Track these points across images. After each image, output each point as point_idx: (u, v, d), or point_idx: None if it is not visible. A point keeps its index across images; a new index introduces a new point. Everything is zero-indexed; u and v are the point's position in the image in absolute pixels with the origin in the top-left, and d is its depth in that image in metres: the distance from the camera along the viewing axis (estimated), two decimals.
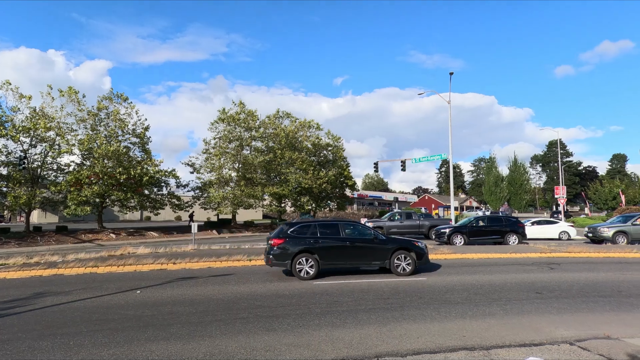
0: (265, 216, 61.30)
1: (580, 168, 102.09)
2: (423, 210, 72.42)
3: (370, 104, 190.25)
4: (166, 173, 31.76)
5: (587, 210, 58.26)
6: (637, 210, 36.88)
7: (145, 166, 29.87)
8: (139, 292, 9.24)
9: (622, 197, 50.99)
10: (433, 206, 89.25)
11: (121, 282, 10.41)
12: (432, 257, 15.14)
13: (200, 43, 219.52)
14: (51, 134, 26.84)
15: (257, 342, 5.56)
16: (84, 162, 29.67)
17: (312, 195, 42.69)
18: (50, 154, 27.21)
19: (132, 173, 27.93)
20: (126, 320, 6.79)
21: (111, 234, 29.22)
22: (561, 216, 41.84)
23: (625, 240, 20.65)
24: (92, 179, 27.59)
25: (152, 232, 31.82)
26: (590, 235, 22.09)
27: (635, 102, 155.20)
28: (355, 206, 78.73)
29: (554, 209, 68.34)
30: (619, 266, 13.05)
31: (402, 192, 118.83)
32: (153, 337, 5.85)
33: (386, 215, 29.36)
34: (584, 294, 8.63)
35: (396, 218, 26.33)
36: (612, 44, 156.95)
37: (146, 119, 32.19)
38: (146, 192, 32.16)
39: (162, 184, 33.08)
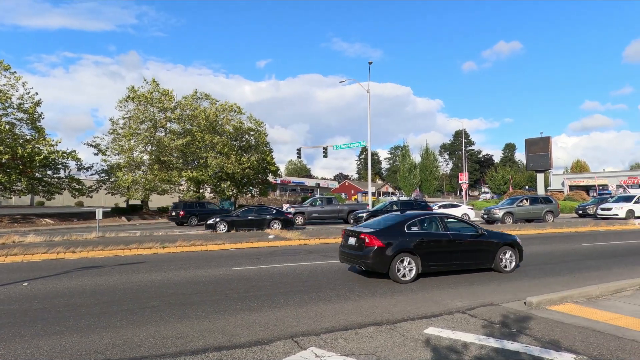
0: None
1: (480, 156, 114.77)
2: (343, 195, 75.32)
3: (294, 90, 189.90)
4: (64, 154, 28.26)
5: (488, 196, 65.70)
6: (522, 193, 42.88)
7: (37, 145, 26.17)
8: (26, 284, 8.19)
9: (510, 182, 58.75)
10: (353, 192, 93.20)
11: (1, 275, 9.06)
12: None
13: (103, 12, 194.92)
14: None
15: (168, 330, 5.27)
16: None
17: (233, 180, 41.46)
18: None
19: (20, 153, 24.29)
20: (7, 316, 5.94)
21: None
22: (463, 199, 46.74)
23: (512, 219, 23.86)
24: None
25: (45, 219, 28.17)
26: (485, 216, 25.08)
27: (521, 97, 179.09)
28: (278, 192, 78.60)
29: (458, 193, 76.33)
30: None
31: (324, 179, 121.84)
32: (43, 332, 5.20)
33: (308, 200, 29.90)
34: None
35: (317, 203, 27.07)
36: (505, 44, 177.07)
37: (37, 93, 28.05)
38: (38, 174, 28.28)
39: (60, 166, 29.42)
